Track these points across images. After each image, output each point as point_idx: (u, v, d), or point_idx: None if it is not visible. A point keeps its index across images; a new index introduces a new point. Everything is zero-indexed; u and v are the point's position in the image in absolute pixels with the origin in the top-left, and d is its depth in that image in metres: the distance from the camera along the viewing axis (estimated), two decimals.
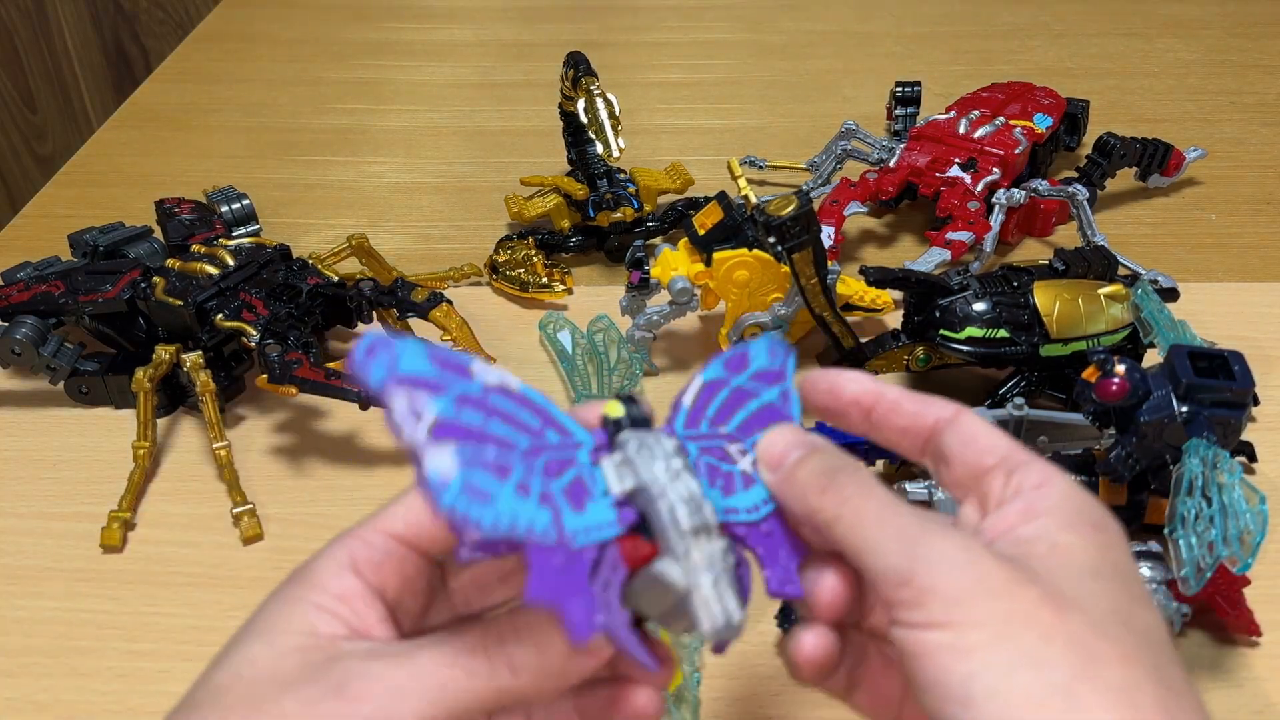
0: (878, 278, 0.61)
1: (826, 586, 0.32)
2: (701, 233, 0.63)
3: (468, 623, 0.30)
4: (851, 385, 0.34)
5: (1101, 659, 0.26)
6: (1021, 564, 0.28)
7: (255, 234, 0.75)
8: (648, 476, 0.30)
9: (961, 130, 0.78)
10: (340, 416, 0.63)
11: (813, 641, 0.32)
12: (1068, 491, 0.30)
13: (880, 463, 0.57)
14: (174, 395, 0.64)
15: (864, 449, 0.54)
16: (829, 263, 0.62)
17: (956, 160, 0.76)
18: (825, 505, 0.30)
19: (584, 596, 0.28)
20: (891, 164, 0.77)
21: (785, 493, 0.32)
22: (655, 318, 0.64)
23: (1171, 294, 0.66)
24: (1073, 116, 0.86)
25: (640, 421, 0.31)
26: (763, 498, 0.33)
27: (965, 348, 0.59)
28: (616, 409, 0.31)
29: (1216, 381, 0.47)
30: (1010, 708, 0.25)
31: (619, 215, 0.75)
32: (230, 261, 0.64)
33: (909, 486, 0.52)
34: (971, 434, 0.32)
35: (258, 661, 0.29)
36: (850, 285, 0.67)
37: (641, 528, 0.30)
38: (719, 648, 0.30)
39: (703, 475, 0.32)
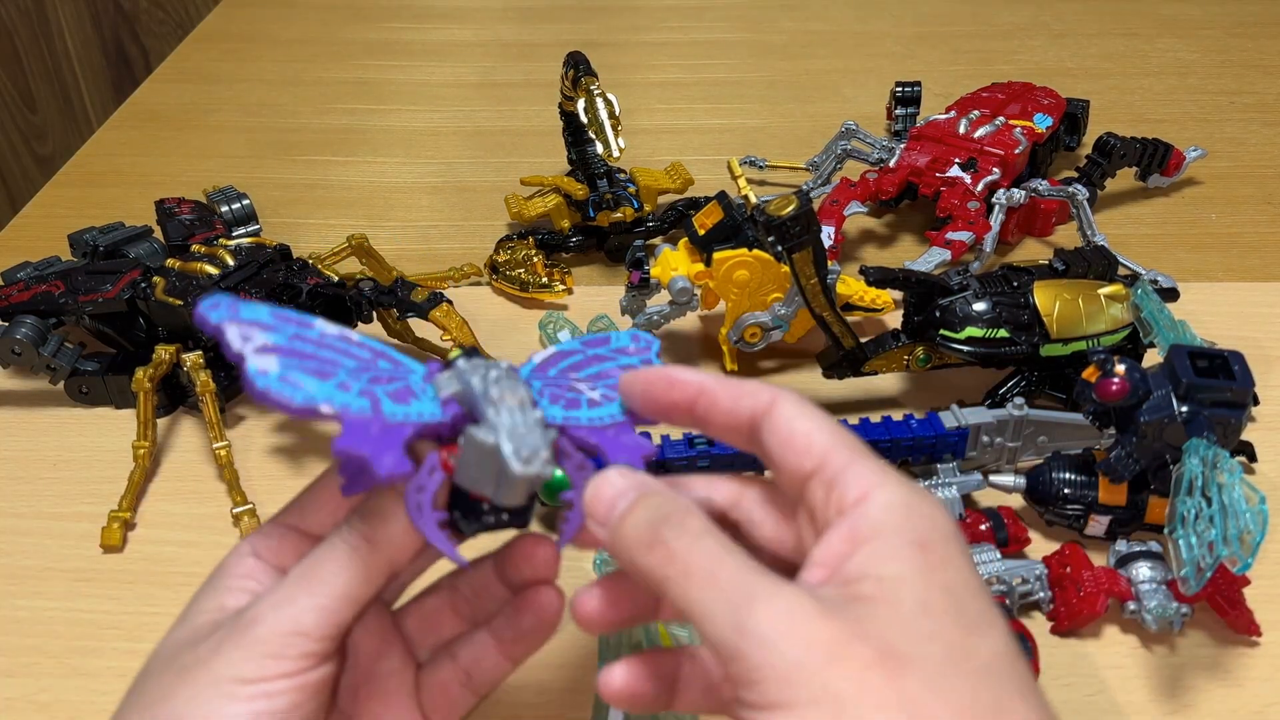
0: (878, 278, 0.61)
1: (587, 601, 0.34)
2: (701, 233, 0.63)
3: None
4: (669, 389, 0.34)
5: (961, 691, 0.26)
6: (850, 613, 0.27)
7: (255, 234, 0.75)
8: (474, 380, 0.33)
9: (961, 130, 0.78)
10: None
11: (592, 603, 0.34)
12: (889, 503, 0.29)
13: None
14: (174, 395, 0.64)
15: (885, 446, 0.54)
16: (829, 263, 0.62)
17: (956, 160, 0.76)
18: (652, 563, 0.29)
19: (394, 453, 0.30)
20: (891, 164, 0.77)
21: (615, 551, 0.30)
22: (655, 318, 0.64)
23: (1171, 294, 0.66)
24: (1073, 116, 0.86)
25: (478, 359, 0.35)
26: (610, 413, 0.36)
27: (965, 348, 0.59)
28: (456, 352, 0.35)
29: (1216, 381, 0.47)
30: None
31: (619, 215, 0.75)
32: (230, 261, 0.64)
33: None
34: (787, 432, 0.31)
35: (178, 637, 0.33)
36: (850, 285, 0.67)
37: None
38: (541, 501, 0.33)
39: (544, 398, 0.35)
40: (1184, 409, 0.46)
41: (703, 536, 0.29)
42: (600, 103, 0.68)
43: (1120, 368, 0.47)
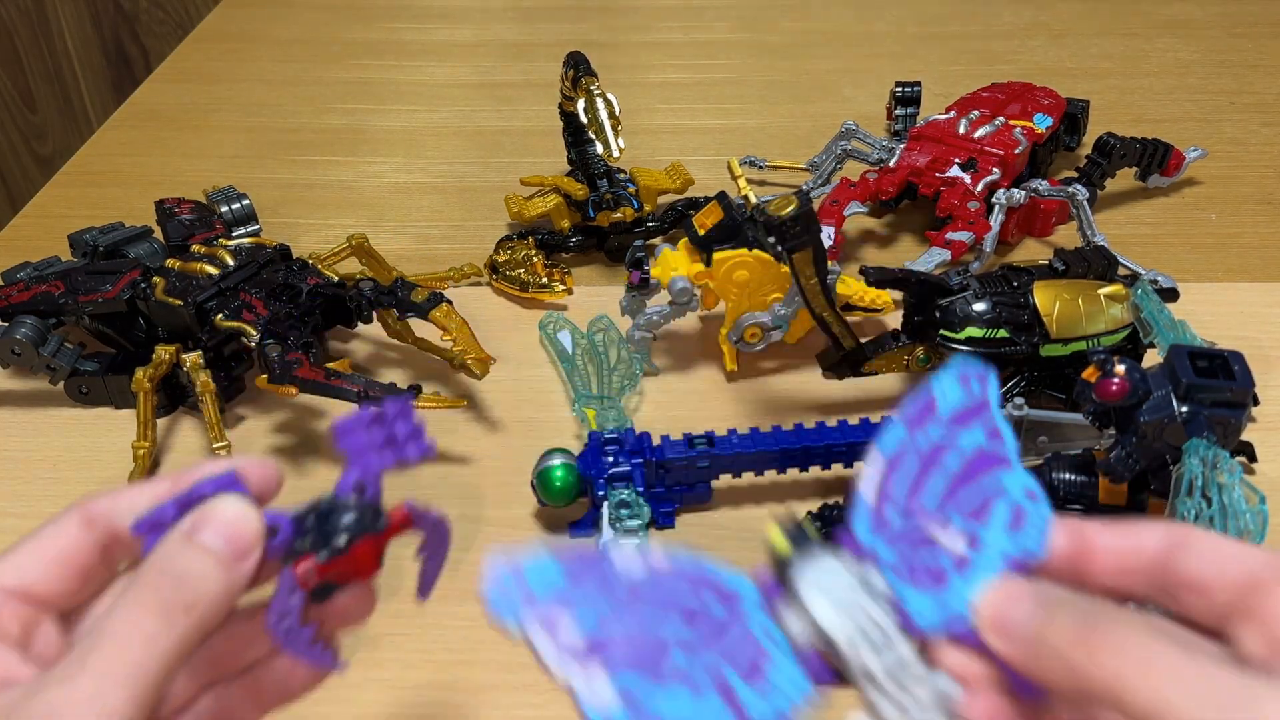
0: (878, 278, 0.61)
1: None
2: (701, 233, 0.63)
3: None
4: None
5: None
6: None
7: (255, 234, 0.75)
8: (828, 624, 0.27)
9: (961, 130, 0.78)
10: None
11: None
12: None
13: None
14: (174, 395, 0.64)
15: None
16: (829, 263, 0.62)
17: (956, 160, 0.76)
18: (1098, 667, 0.25)
19: None
20: (891, 164, 0.77)
21: (1033, 664, 0.26)
22: (655, 318, 0.64)
23: (1171, 294, 0.66)
24: (1073, 116, 0.86)
25: (806, 545, 0.28)
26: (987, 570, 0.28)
27: (965, 348, 0.59)
28: (782, 544, 0.28)
29: (1216, 381, 0.46)
30: None
31: (619, 215, 0.75)
32: (230, 261, 0.64)
33: None
34: (1214, 551, 0.27)
35: None
36: (850, 285, 0.67)
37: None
38: None
39: (905, 581, 0.28)
40: (1184, 409, 0.46)
41: (1157, 631, 0.25)
42: (600, 103, 0.68)
43: (1120, 368, 0.47)
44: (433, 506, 0.31)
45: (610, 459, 0.54)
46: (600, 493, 0.54)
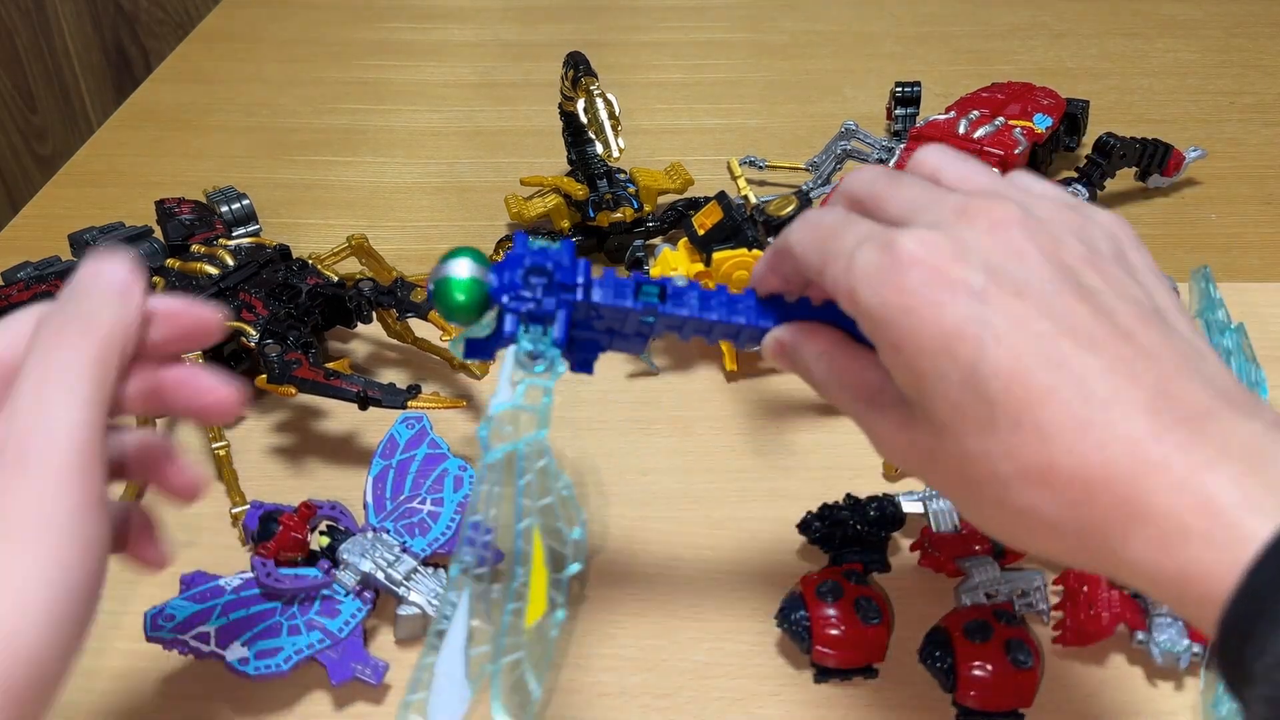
0: None
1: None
2: (701, 233, 0.63)
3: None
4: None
5: None
6: None
7: (255, 234, 0.75)
8: (360, 565, 0.49)
9: (961, 130, 0.78)
10: (340, 416, 0.63)
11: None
12: None
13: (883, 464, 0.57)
14: None
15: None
16: None
17: None
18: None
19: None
20: (891, 164, 0.77)
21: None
22: None
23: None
24: (1073, 116, 0.86)
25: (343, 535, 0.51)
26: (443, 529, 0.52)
27: None
28: (323, 541, 0.51)
29: None
30: None
31: (619, 215, 0.75)
32: (230, 261, 0.64)
33: (903, 498, 0.52)
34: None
35: None
36: None
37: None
38: None
39: (402, 535, 0.51)
40: None
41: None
42: (600, 103, 0.68)
43: None
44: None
45: (531, 294, 0.39)
46: (509, 330, 0.39)
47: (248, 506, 0.56)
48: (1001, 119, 0.79)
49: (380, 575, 0.49)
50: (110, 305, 0.33)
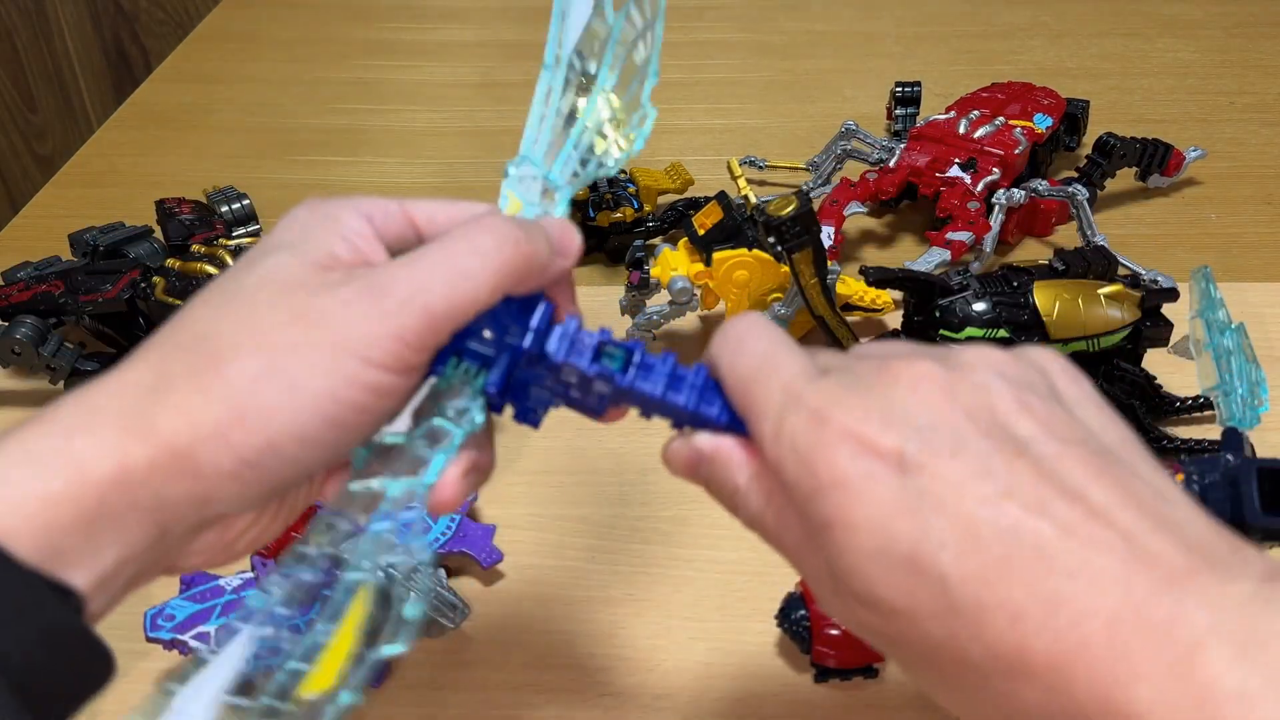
0: (878, 278, 0.61)
1: None
2: (701, 233, 0.63)
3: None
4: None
5: None
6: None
7: (255, 234, 0.75)
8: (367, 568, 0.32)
9: (961, 130, 0.78)
10: None
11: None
12: None
13: None
14: None
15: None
16: (829, 263, 0.62)
17: (956, 160, 0.76)
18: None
19: None
20: (891, 164, 0.77)
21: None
22: (655, 317, 0.64)
23: (1171, 294, 0.66)
24: (1073, 116, 0.86)
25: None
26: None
27: None
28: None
29: None
30: None
31: (619, 215, 0.75)
32: (230, 261, 0.64)
33: None
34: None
35: (288, 267, 0.30)
36: (850, 285, 0.67)
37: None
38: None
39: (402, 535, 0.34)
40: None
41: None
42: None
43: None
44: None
45: (485, 340, 0.33)
46: (436, 367, 0.32)
47: None
48: (1001, 119, 0.79)
49: (381, 575, 0.48)
50: (543, 250, 0.34)
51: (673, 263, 0.63)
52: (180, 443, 0.28)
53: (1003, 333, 0.58)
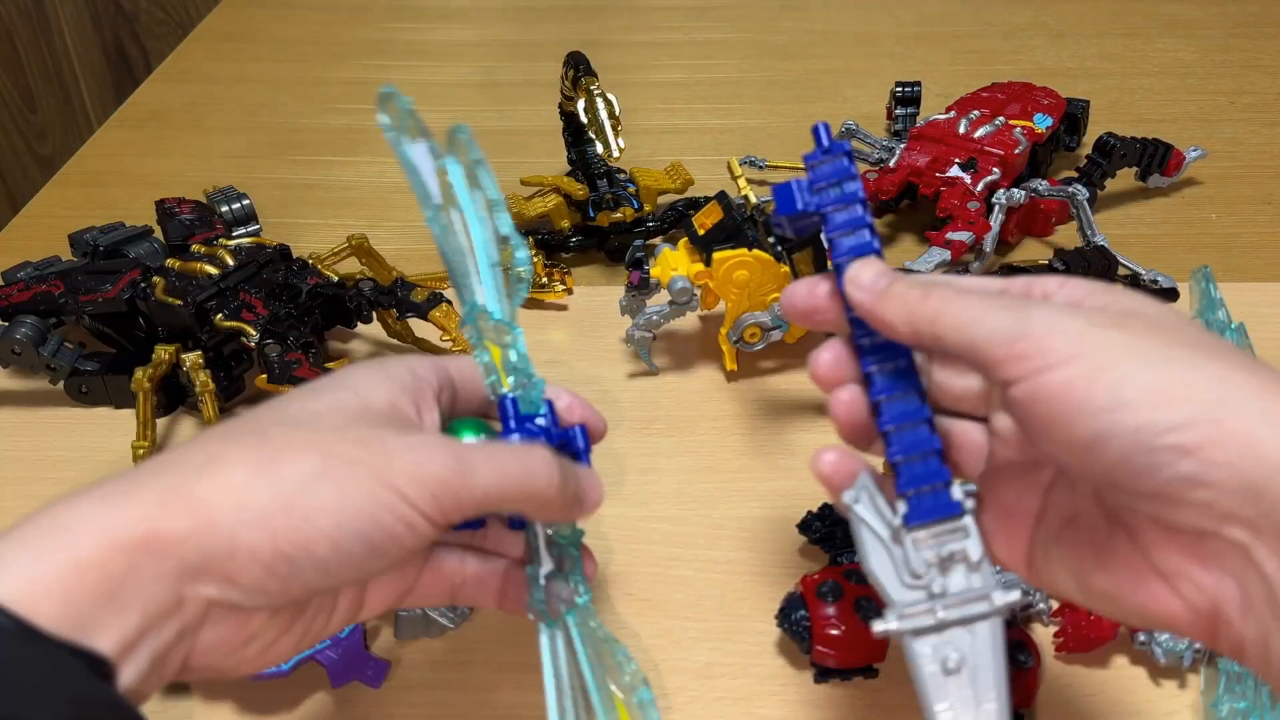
0: None
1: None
2: (701, 233, 0.63)
3: None
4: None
5: (1217, 349, 0.30)
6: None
7: (255, 234, 0.75)
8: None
9: (961, 130, 0.78)
10: None
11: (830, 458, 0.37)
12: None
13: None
14: (174, 395, 0.64)
15: None
16: (829, 263, 0.62)
17: (956, 160, 0.76)
18: (927, 308, 0.33)
19: None
20: (891, 164, 0.77)
21: (881, 307, 0.35)
22: (655, 317, 0.64)
23: (1171, 294, 0.66)
24: (1073, 116, 0.86)
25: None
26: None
27: None
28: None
29: None
30: (1167, 394, 0.29)
31: (619, 215, 0.75)
32: (230, 261, 0.64)
33: None
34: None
35: (354, 404, 0.34)
36: None
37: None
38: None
39: None
40: None
41: (968, 288, 0.34)
42: (600, 103, 0.68)
43: None
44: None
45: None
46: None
47: None
48: (1001, 119, 0.79)
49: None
50: (554, 496, 0.36)
51: (673, 263, 0.63)
52: (222, 519, 0.29)
53: None
